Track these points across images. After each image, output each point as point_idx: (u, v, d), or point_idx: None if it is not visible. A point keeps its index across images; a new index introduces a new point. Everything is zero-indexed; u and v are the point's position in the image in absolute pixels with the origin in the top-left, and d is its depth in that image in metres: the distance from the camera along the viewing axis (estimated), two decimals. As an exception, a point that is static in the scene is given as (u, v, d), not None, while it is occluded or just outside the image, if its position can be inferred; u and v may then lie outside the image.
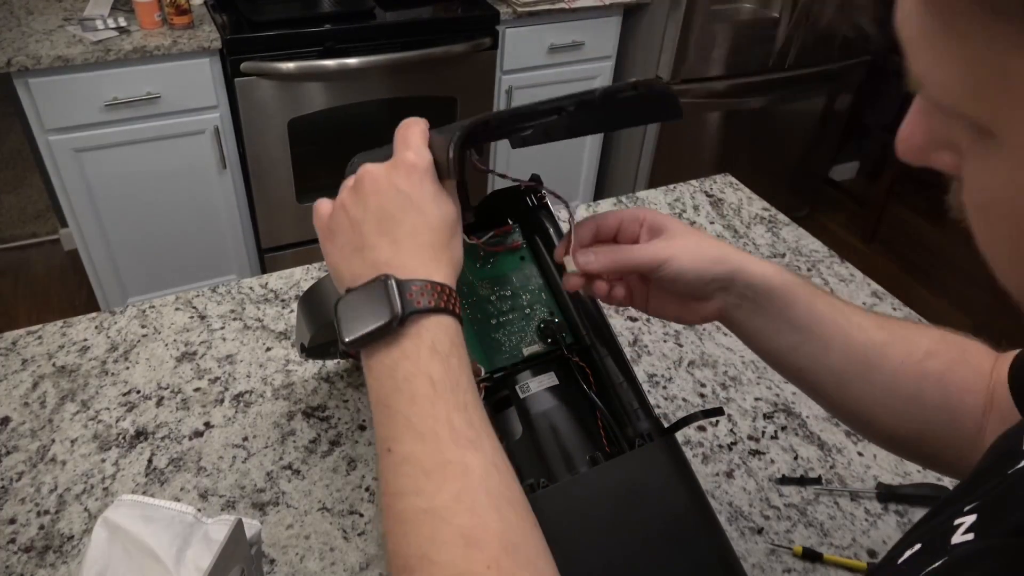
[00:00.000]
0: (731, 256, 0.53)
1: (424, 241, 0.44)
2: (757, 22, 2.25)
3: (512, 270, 0.65)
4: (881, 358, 0.51)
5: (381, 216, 0.44)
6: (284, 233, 2.15)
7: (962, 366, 0.51)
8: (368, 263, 0.44)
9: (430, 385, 0.41)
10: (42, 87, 1.67)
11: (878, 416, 0.53)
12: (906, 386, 0.51)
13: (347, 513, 0.72)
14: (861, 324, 0.52)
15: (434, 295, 0.43)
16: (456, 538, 0.37)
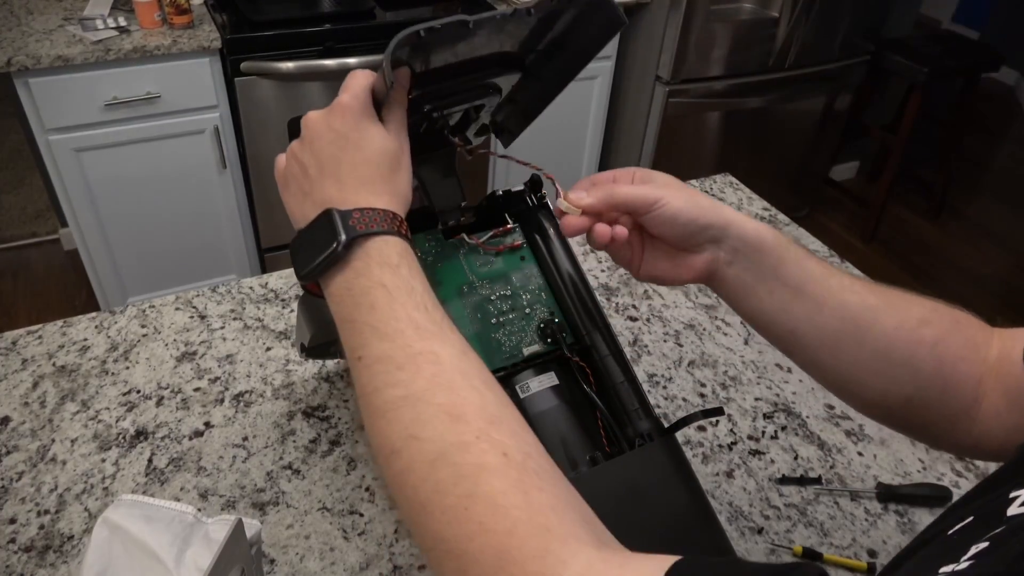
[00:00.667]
0: (724, 209, 0.53)
1: (365, 175, 0.47)
2: (757, 22, 2.25)
3: (512, 270, 0.65)
4: (874, 322, 0.51)
5: (323, 159, 0.47)
6: (284, 233, 2.15)
7: (955, 336, 0.51)
8: (316, 203, 0.47)
9: (386, 293, 0.42)
10: (42, 87, 1.67)
11: (869, 382, 0.52)
12: (900, 351, 0.50)
13: (347, 513, 0.72)
14: (854, 287, 0.52)
15: (375, 220, 0.45)
16: (439, 414, 0.38)
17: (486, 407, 0.39)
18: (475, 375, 0.41)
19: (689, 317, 1.00)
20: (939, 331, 0.50)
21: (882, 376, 0.51)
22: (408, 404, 0.39)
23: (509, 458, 0.37)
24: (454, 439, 0.37)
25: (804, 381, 0.91)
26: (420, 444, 0.37)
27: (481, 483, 0.35)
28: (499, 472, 0.36)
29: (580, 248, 1.11)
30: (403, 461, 0.38)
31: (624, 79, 2.39)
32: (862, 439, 0.84)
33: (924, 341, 0.50)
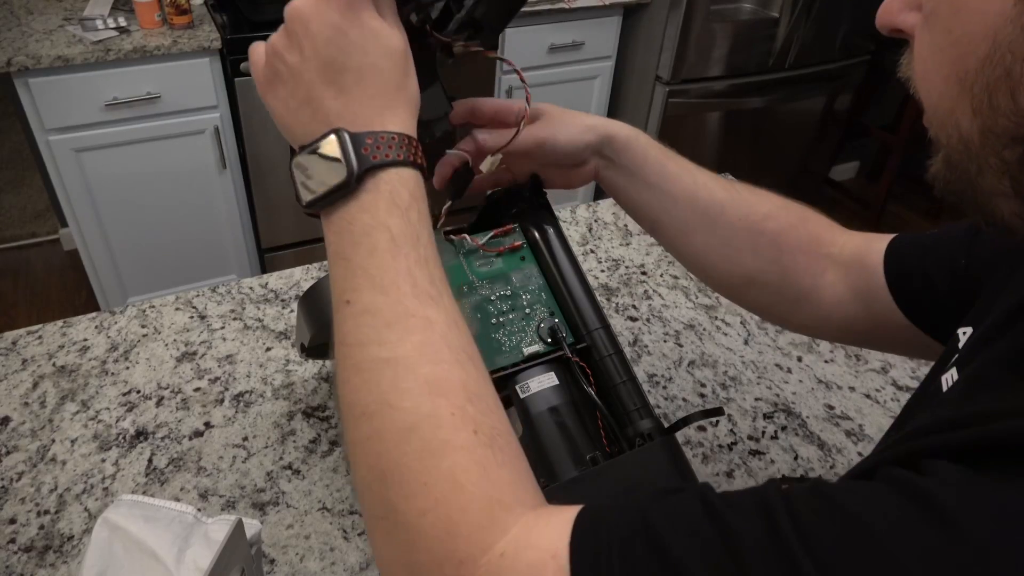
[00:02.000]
0: (598, 124, 0.60)
1: (373, 86, 0.42)
2: (757, 22, 2.25)
3: (512, 270, 0.65)
4: (720, 214, 0.59)
5: (321, 62, 0.41)
6: (284, 233, 2.15)
7: (798, 230, 0.59)
8: (318, 118, 0.42)
9: (390, 238, 0.40)
10: (42, 87, 1.67)
11: (716, 264, 0.61)
12: (741, 240, 0.59)
13: (347, 513, 0.72)
14: (707, 184, 0.60)
15: (391, 146, 0.41)
16: (421, 386, 0.37)
17: (467, 383, 0.38)
18: (462, 347, 0.40)
19: (689, 317, 1.00)
20: (782, 225, 0.59)
21: (727, 260, 0.60)
22: (390, 367, 0.37)
23: (479, 435, 0.36)
24: (429, 412, 0.36)
25: (804, 381, 0.91)
26: (393, 413, 0.36)
27: (446, 458, 0.35)
28: (466, 449, 0.35)
29: (580, 248, 1.11)
30: (372, 427, 0.37)
31: (624, 79, 2.39)
32: (862, 439, 0.84)
33: (766, 232, 0.59)
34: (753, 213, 0.59)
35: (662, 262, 1.09)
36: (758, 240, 0.59)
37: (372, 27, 0.41)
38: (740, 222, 0.59)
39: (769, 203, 0.60)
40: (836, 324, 0.59)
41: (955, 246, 0.52)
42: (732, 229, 0.59)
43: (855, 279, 0.57)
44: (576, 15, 2.14)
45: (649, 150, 0.60)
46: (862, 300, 0.57)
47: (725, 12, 2.24)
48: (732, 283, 0.63)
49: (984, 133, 0.31)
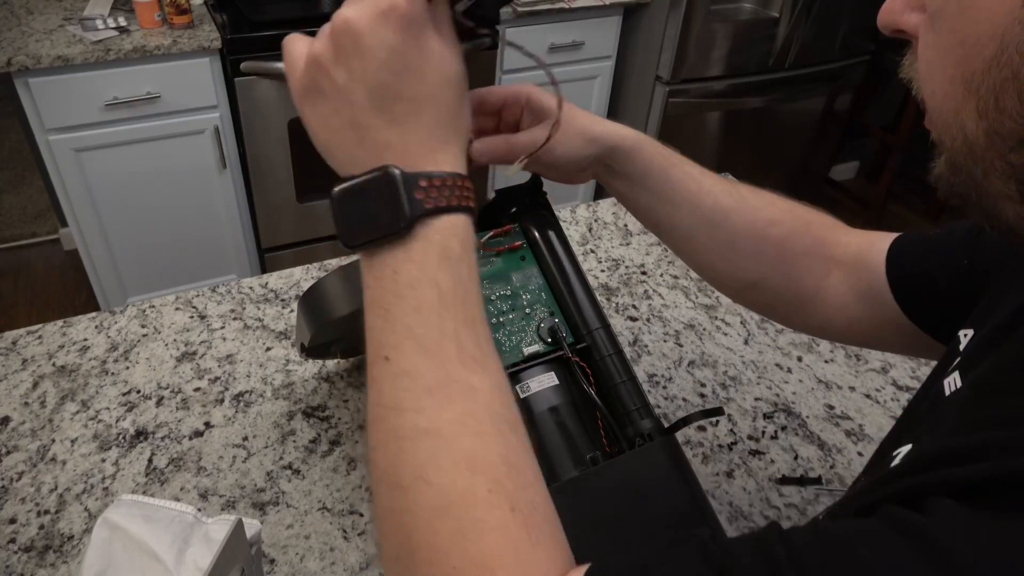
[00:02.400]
0: (601, 136, 0.59)
1: (429, 118, 0.37)
2: (757, 22, 2.25)
3: (512, 270, 0.65)
4: (725, 220, 0.59)
5: (372, 86, 0.36)
6: (284, 233, 2.15)
7: (803, 235, 0.59)
8: (364, 146, 0.38)
9: (437, 295, 0.36)
10: (42, 87, 1.67)
11: (719, 268, 0.62)
12: (746, 245, 0.59)
13: (347, 513, 0.72)
14: (712, 190, 0.60)
15: (445, 190, 0.37)
16: (458, 462, 0.35)
17: (507, 455, 0.36)
18: (504, 416, 0.37)
19: (689, 317, 1.00)
20: (787, 230, 0.59)
21: (731, 264, 0.60)
22: (428, 439, 0.35)
23: (515, 513, 0.34)
24: (465, 489, 0.34)
25: (804, 381, 0.91)
26: (429, 489, 0.34)
27: (479, 541, 0.33)
28: (500, 530, 0.34)
29: (580, 248, 1.11)
30: (405, 500, 0.35)
31: (624, 79, 2.39)
32: (862, 439, 0.84)
33: (770, 238, 0.59)
34: (758, 219, 0.59)
35: (662, 262, 1.09)
36: (763, 246, 0.59)
37: (432, 50, 0.37)
38: (745, 228, 0.59)
39: (774, 208, 0.60)
40: (840, 325, 0.60)
41: (958, 245, 0.52)
42: (736, 235, 0.59)
43: (857, 279, 0.58)
44: (576, 15, 2.14)
45: (653, 159, 0.59)
46: (864, 300, 0.57)
47: (725, 12, 2.24)
48: (736, 287, 0.63)
49: (990, 135, 0.30)
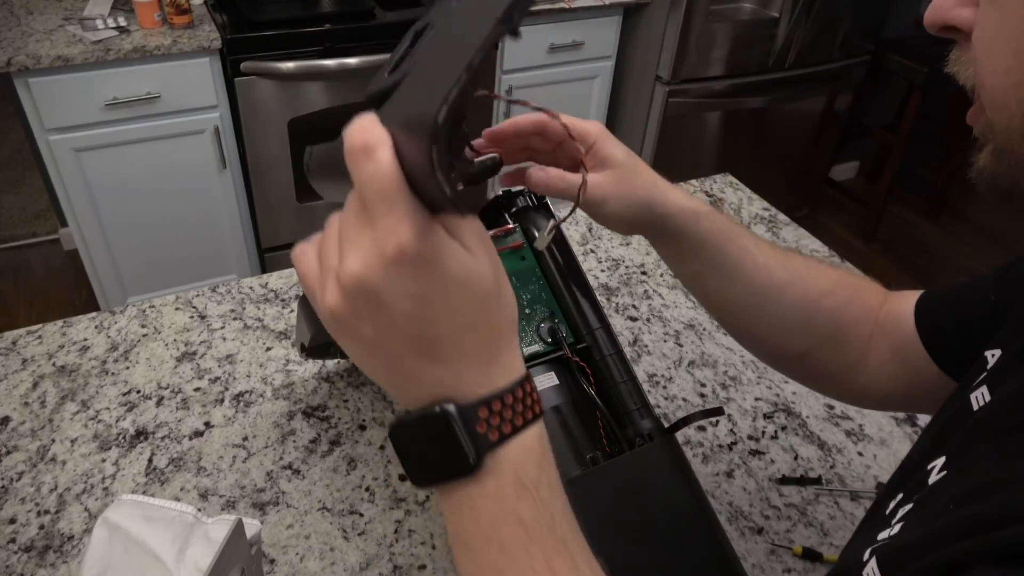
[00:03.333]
0: (656, 203, 0.58)
1: (474, 343, 0.34)
2: (757, 22, 2.25)
3: (512, 270, 0.65)
4: (779, 296, 0.59)
5: (404, 337, 0.33)
6: (284, 233, 2.15)
7: (854, 304, 0.59)
8: (411, 383, 0.34)
9: (522, 529, 0.34)
10: (42, 87, 1.67)
11: (767, 340, 0.61)
12: (798, 318, 0.59)
13: (347, 513, 0.72)
14: (767, 265, 0.59)
15: (507, 411, 0.34)
16: None
17: None
18: None
19: (689, 317, 1.00)
20: (839, 301, 0.59)
21: (779, 337, 0.60)
22: None
23: None
24: None
25: (804, 381, 0.91)
26: None
27: None
28: None
29: (580, 248, 1.11)
30: None
31: (624, 79, 2.39)
32: (862, 439, 0.84)
33: (823, 310, 0.59)
34: (811, 291, 0.59)
35: (662, 262, 1.09)
36: (815, 318, 0.59)
37: (457, 277, 0.31)
38: (798, 302, 0.59)
39: (827, 280, 0.60)
40: (881, 388, 0.59)
41: (985, 287, 0.52)
42: (788, 309, 0.59)
43: (892, 338, 0.57)
44: (576, 15, 2.14)
45: (710, 234, 0.58)
46: (899, 358, 0.57)
47: (725, 12, 2.24)
48: (783, 356, 0.62)
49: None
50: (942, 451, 0.38)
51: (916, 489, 0.37)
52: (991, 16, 0.34)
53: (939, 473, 0.36)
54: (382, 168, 0.29)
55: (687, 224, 0.58)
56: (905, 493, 0.38)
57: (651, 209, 0.57)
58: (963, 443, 0.38)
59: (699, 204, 0.59)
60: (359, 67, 1.88)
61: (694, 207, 0.58)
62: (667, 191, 0.58)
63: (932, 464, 0.37)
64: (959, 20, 0.36)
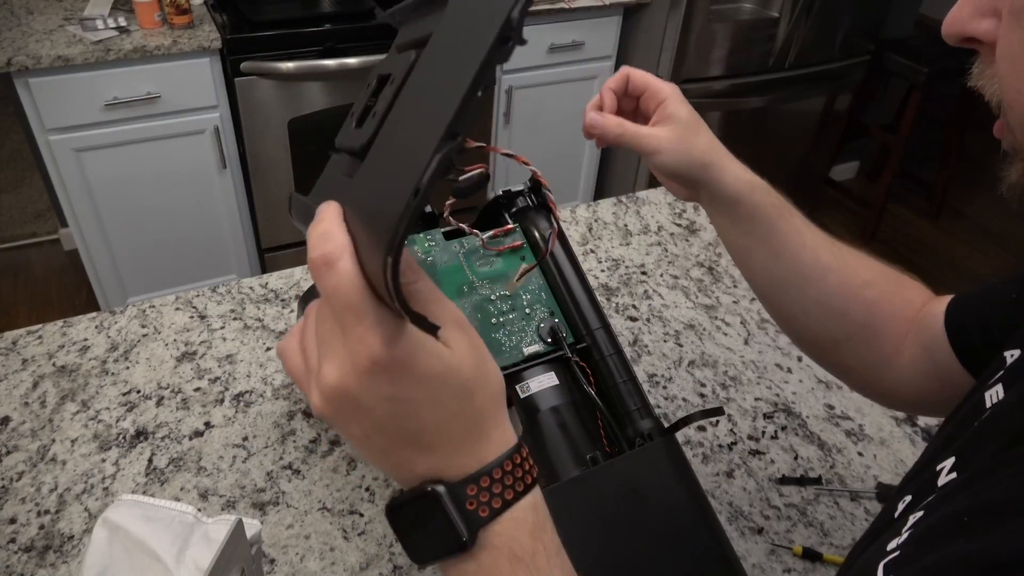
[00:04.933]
0: (713, 162, 0.60)
1: (460, 429, 0.34)
2: (757, 22, 2.25)
3: (512, 270, 0.65)
4: (822, 278, 0.59)
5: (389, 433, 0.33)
6: (284, 233, 2.15)
7: (894, 297, 0.59)
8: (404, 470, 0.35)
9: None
10: (42, 87, 1.67)
11: (804, 322, 0.62)
12: (837, 304, 0.59)
13: (347, 513, 0.72)
14: (816, 246, 0.60)
15: (497, 486, 0.34)
16: None
17: None
18: None
19: (689, 317, 1.00)
20: (879, 292, 0.59)
21: (817, 321, 0.60)
22: None
23: None
24: None
25: (804, 381, 0.91)
26: None
27: None
28: None
29: (580, 248, 1.11)
30: None
31: (624, 79, 2.39)
32: (862, 439, 0.84)
33: (862, 299, 0.59)
34: (854, 278, 0.59)
35: (662, 262, 1.09)
36: (853, 305, 0.59)
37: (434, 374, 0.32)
38: (840, 287, 0.59)
39: (870, 271, 0.60)
40: (912, 386, 0.59)
41: (1009, 287, 0.52)
42: (830, 293, 0.59)
43: (925, 337, 0.57)
44: (576, 15, 2.14)
45: (762, 207, 0.60)
46: (929, 356, 0.56)
47: (725, 12, 2.24)
48: (818, 342, 0.63)
49: None
50: (951, 450, 0.38)
51: (925, 491, 0.37)
52: (1017, 35, 0.33)
53: (948, 475, 0.36)
54: (344, 281, 0.29)
55: (741, 193, 0.60)
56: (914, 496, 0.38)
57: (705, 170, 0.60)
58: (973, 442, 0.37)
59: (755, 177, 0.61)
60: (359, 67, 1.89)
61: (749, 178, 0.61)
62: (724, 158, 0.61)
63: (942, 464, 0.37)
64: (979, 33, 0.35)
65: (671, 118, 0.61)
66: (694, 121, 0.62)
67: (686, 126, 0.61)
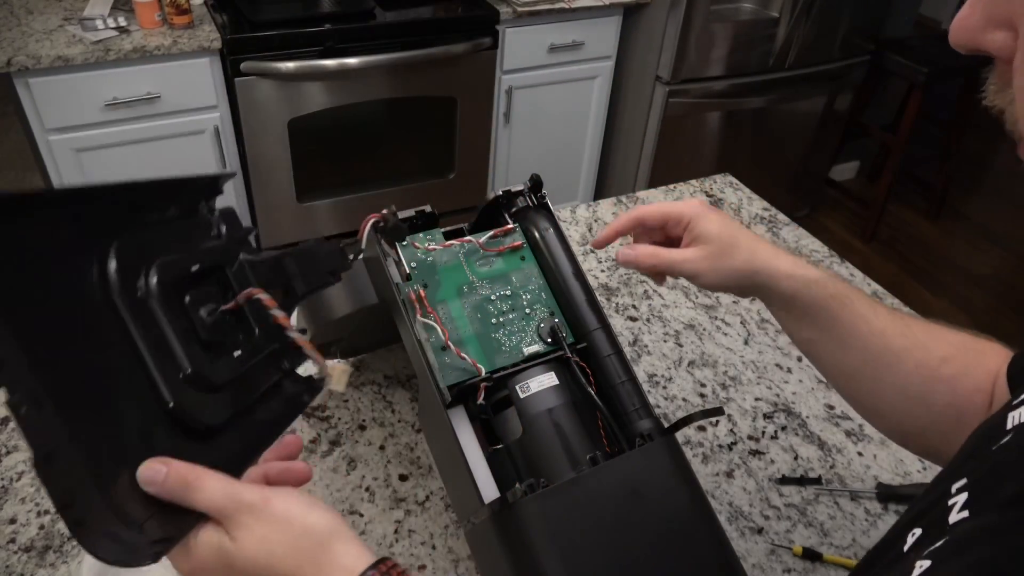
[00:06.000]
0: (759, 269, 0.58)
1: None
2: (757, 22, 2.25)
3: (512, 270, 0.65)
4: (896, 363, 0.55)
5: None
6: (284, 233, 2.15)
7: (976, 369, 0.54)
8: None
9: None
10: (42, 87, 1.67)
11: (885, 412, 0.58)
12: (916, 388, 0.55)
13: (347, 513, 0.72)
14: (884, 331, 0.56)
15: None
16: None
17: None
18: None
19: (689, 317, 1.00)
20: (959, 367, 0.54)
21: (898, 410, 0.57)
22: None
23: None
24: None
25: (804, 381, 0.91)
26: None
27: None
28: None
29: (580, 248, 1.11)
30: None
31: (624, 79, 2.39)
32: (862, 439, 0.84)
33: (943, 378, 0.54)
34: (930, 359, 0.55)
35: (662, 262, 1.09)
36: (935, 387, 0.55)
37: (219, 563, 0.38)
38: (916, 370, 0.55)
39: (946, 345, 0.56)
40: None
41: None
42: (906, 378, 0.55)
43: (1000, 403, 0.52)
44: (576, 15, 2.14)
45: (821, 302, 0.57)
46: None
47: (725, 12, 2.24)
48: (905, 431, 0.59)
49: None
50: (964, 472, 0.35)
51: (935, 529, 0.34)
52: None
53: (960, 512, 0.33)
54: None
55: (796, 291, 0.57)
56: (924, 531, 0.35)
57: (753, 278, 0.58)
58: (990, 473, 0.34)
59: (810, 271, 0.58)
60: (359, 67, 1.89)
61: (803, 274, 0.57)
62: (771, 259, 0.58)
63: (953, 500, 0.34)
64: (993, 47, 0.33)
65: (700, 238, 0.60)
66: (728, 234, 0.59)
67: (719, 242, 0.59)
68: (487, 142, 2.27)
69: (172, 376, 0.39)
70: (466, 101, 2.14)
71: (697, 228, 0.59)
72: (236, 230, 0.47)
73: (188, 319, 0.41)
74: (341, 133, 2.07)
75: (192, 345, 0.40)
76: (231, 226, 0.47)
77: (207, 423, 0.40)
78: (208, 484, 0.37)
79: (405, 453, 0.79)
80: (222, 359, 0.42)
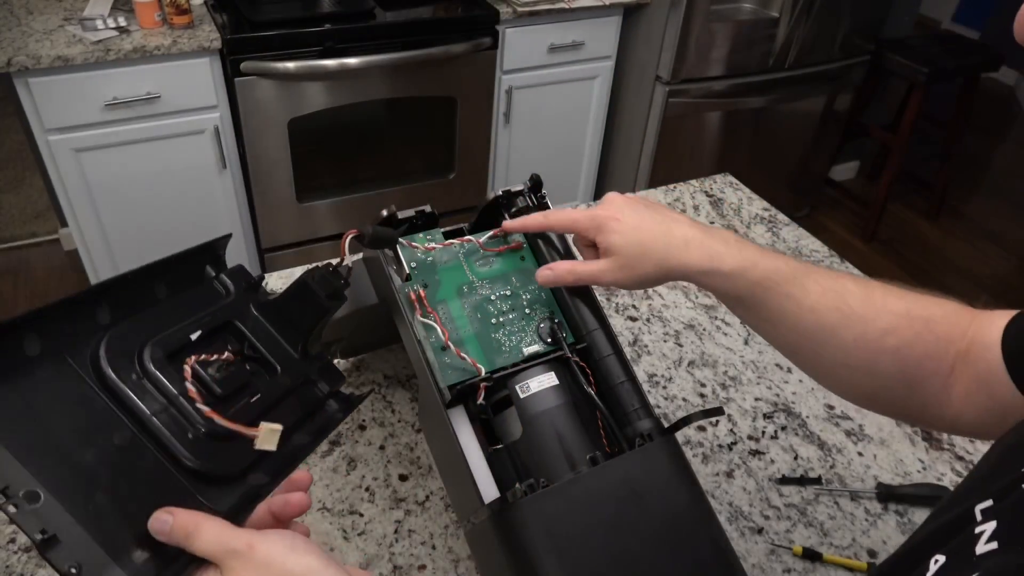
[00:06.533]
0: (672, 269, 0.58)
1: None
2: (757, 22, 2.25)
3: (512, 270, 0.65)
4: (832, 338, 0.56)
5: None
6: (284, 233, 2.15)
7: (923, 338, 0.54)
8: None
9: None
10: (42, 87, 1.67)
11: (831, 383, 0.59)
12: (858, 359, 0.55)
13: (347, 513, 0.72)
14: (814, 307, 0.56)
15: None
16: None
17: None
18: None
19: (689, 317, 1.00)
20: (903, 338, 0.54)
21: (842, 380, 0.58)
22: None
23: None
24: None
25: (804, 381, 0.91)
26: None
27: None
28: None
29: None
30: None
31: (624, 79, 2.39)
32: (862, 439, 0.84)
33: (886, 350, 0.54)
34: (870, 331, 0.54)
35: (662, 262, 1.09)
36: (878, 358, 0.54)
37: None
38: (856, 343, 0.55)
39: (888, 315, 0.55)
40: (972, 419, 0.53)
41: None
42: (847, 351, 0.55)
43: (975, 366, 0.52)
44: (576, 15, 2.14)
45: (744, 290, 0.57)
46: (986, 389, 0.51)
47: (725, 12, 2.24)
48: (855, 396, 0.59)
49: None
50: (990, 491, 0.34)
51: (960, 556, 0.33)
52: None
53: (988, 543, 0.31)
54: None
55: (715, 286, 0.58)
56: (948, 558, 0.34)
57: (669, 276, 0.59)
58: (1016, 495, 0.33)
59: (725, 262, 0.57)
60: (359, 67, 1.89)
61: (717, 267, 0.57)
62: (682, 258, 0.58)
63: (978, 508, 0.33)
64: None
65: (608, 251, 0.60)
66: (634, 241, 0.59)
67: (626, 253, 0.59)
68: (487, 142, 2.27)
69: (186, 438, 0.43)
70: (466, 101, 2.14)
71: (604, 242, 0.60)
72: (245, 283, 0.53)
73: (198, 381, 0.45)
74: (341, 133, 2.07)
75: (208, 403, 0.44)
76: (239, 281, 0.52)
77: (231, 471, 0.44)
78: (204, 531, 0.40)
79: (405, 453, 0.79)
80: (239, 406, 0.46)
